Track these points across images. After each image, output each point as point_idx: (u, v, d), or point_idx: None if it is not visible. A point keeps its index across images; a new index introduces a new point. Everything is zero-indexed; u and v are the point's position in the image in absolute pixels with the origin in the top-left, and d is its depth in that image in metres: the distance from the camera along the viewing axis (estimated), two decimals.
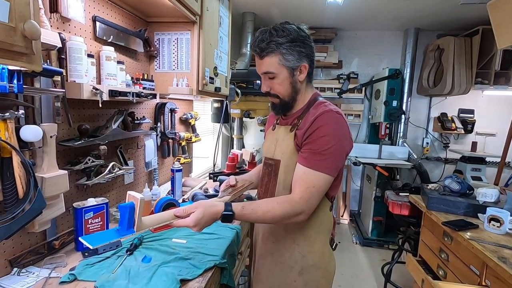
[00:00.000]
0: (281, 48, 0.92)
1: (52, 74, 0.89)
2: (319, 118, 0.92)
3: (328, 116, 0.92)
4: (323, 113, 0.92)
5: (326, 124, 0.91)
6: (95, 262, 1.01)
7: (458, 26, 3.25)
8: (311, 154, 0.91)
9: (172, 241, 1.21)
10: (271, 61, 0.94)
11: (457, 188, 1.84)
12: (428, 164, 3.72)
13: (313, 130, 0.91)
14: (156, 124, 1.79)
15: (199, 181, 2.10)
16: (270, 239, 1.07)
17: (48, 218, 0.97)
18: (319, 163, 0.89)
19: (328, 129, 0.90)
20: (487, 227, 1.54)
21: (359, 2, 2.75)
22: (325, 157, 0.89)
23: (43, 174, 0.94)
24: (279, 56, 0.93)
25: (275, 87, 0.98)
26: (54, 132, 0.96)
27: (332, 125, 0.91)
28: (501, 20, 1.82)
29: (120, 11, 1.40)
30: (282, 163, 1.01)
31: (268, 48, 0.92)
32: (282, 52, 0.92)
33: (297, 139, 0.97)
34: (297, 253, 1.02)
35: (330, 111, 0.93)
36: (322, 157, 0.89)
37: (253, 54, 1.01)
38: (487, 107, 3.58)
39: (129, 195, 0.81)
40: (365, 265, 2.87)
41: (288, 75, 0.96)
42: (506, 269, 1.15)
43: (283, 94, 0.99)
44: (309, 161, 0.90)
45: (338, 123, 0.92)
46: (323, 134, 0.90)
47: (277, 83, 0.97)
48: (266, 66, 0.95)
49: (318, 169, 0.89)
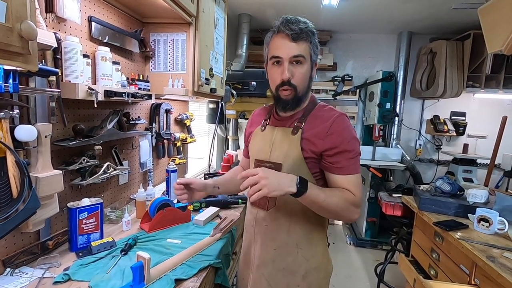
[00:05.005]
0: (313, 38, 0.92)
1: (47, 74, 0.89)
2: (336, 123, 0.91)
3: (343, 119, 0.93)
4: (338, 117, 0.93)
5: (346, 128, 0.92)
6: (89, 262, 1.01)
7: (450, 30, 3.31)
8: (347, 162, 0.91)
9: (167, 241, 1.21)
10: (304, 47, 0.91)
11: (448, 189, 1.87)
12: (421, 165, 3.77)
13: (337, 135, 0.90)
14: (151, 125, 1.79)
15: None
16: (271, 246, 1.01)
17: (42, 218, 0.97)
18: (355, 166, 0.92)
19: (349, 132, 0.92)
20: (476, 227, 1.57)
21: (353, 5, 2.79)
22: (356, 159, 0.93)
23: (38, 174, 0.93)
24: (310, 45, 0.92)
25: (297, 76, 0.92)
26: (49, 132, 0.96)
27: (350, 127, 0.93)
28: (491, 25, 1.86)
29: (116, 11, 1.40)
30: (285, 166, 0.95)
31: (304, 32, 0.90)
32: (313, 42, 0.93)
33: (310, 144, 0.93)
34: (300, 257, 0.99)
35: (342, 115, 0.94)
36: (354, 160, 0.92)
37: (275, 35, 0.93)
38: (478, 110, 3.65)
39: (138, 255, 0.90)
40: (359, 265, 2.90)
41: (309, 68, 0.95)
42: (494, 268, 1.18)
43: (301, 85, 0.94)
44: (348, 169, 0.91)
45: (350, 125, 0.95)
46: (348, 138, 0.91)
47: (301, 72, 0.92)
48: (299, 50, 0.90)
49: (355, 171, 0.92)
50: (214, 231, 1.30)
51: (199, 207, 1.59)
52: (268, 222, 1.01)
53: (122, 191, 1.59)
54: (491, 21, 1.87)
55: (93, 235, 1.14)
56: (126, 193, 1.62)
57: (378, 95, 3.36)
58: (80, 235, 1.11)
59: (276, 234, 1.00)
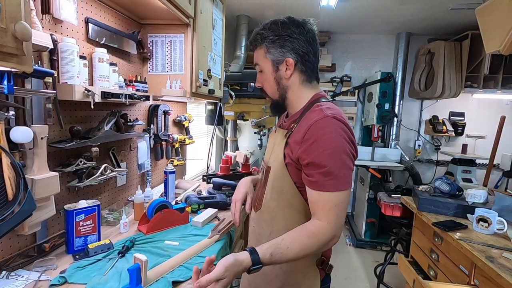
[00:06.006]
0: (266, 41, 0.92)
1: (43, 75, 0.89)
2: (313, 127, 0.81)
3: (324, 124, 0.80)
4: (318, 121, 0.81)
5: (324, 135, 0.79)
6: (86, 265, 1.00)
7: (448, 31, 3.32)
8: (319, 176, 0.78)
9: (165, 243, 1.21)
10: (258, 54, 0.95)
11: (447, 189, 1.87)
12: (420, 166, 3.77)
13: (310, 143, 0.80)
14: (150, 126, 1.79)
15: (192, 183, 2.10)
16: None
17: (38, 221, 0.96)
18: (331, 182, 0.78)
19: (328, 140, 0.78)
20: (475, 227, 1.57)
21: (351, 6, 2.79)
22: (336, 175, 0.78)
23: (34, 176, 0.93)
24: (264, 48, 0.92)
25: (264, 83, 0.97)
26: (45, 134, 0.95)
27: (331, 135, 0.79)
28: (489, 25, 1.87)
29: (113, 13, 1.40)
30: (272, 170, 0.93)
31: (255, 40, 0.94)
32: (267, 45, 0.92)
33: (290, 149, 0.87)
34: (278, 268, 0.93)
35: (326, 118, 0.81)
36: (332, 176, 0.78)
37: None
38: (477, 110, 3.65)
39: (135, 257, 0.89)
40: (358, 266, 2.89)
41: (272, 70, 0.93)
42: (493, 268, 1.17)
43: (270, 90, 0.97)
44: (320, 185, 0.79)
45: (336, 130, 0.80)
46: (324, 148, 0.78)
47: (264, 78, 0.96)
48: (255, 58, 0.96)
49: (333, 189, 0.78)
50: (212, 233, 1.29)
51: (197, 209, 1.59)
52: (255, 223, 1.02)
53: (120, 193, 1.58)
54: (488, 22, 1.88)
55: (90, 237, 1.13)
56: (124, 195, 1.62)
57: (377, 96, 3.36)
58: (77, 237, 1.10)
59: (259, 238, 0.98)
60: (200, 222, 1.39)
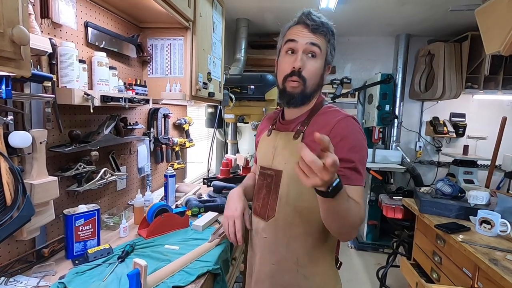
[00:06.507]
0: (331, 37, 0.90)
1: (41, 79, 0.88)
2: (338, 126, 0.83)
3: (348, 122, 0.84)
4: (341, 120, 0.84)
5: (350, 133, 0.83)
6: (85, 270, 0.99)
7: (448, 32, 3.32)
8: (348, 171, 0.80)
9: (165, 247, 1.20)
10: (322, 40, 0.88)
11: (449, 191, 1.86)
12: (421, 167, 3.75)
13: (338, 140, 0.81)
14: (149, 130, 1.79)
15: (193, 186, 2.09)
16: (269, 261, 0.95)
17: (37, 226, 0.96)
18: (357, 177, 0.81)
19: (353, 138, 0.83)
20: (478, 229, 1.55)
21: (351, 8, 2.79)
22: (359, 170, 0.82)
23: (32, 180, 0.92)
24: (327, 43, 0.90)
25: (309, 68, 0.87)
26: (44, 138, 0.95)
27: (355, 133, 0.84)
28: (489, 26, 1.86)
29: (112, 17, 1.40)
30: (285, 174, 0.90)
31: (325, 27, 0.87)
32: (331, 41, 0.90)
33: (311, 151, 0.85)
34: (300, 276, 0.90)
35: (347, 117, 0.85)
36: (357, 171, 0.82)
37: (294, 25, 0.91)
38: (478, 111, 3.64)
39: (135, 262, 0.87)
40: (360, 269, 2.87)
41: (322, 66, 0.90)
42: (497, 271, 1.16)
43: (312, 80, 0.89)
44: (351, 179, 0.80)
45: (358, 129, 0.85)
46: (351, 145, 0.81)
47: (313, 65, 0.88)
48: (317, 39, 0.87)
49: (358, 183, 0.81)
50: (212, 237, 1.28)
51: (197, 212, 1.58)
52: (268, 233, 0.95)
53: (120, 197, 1.57)
54: (488, 23, 1.88)
55: (89, 242, 1.13)
56: (124, 199, 1.61)
57: (377, 98, 3.35)
58: (77, 242, 1.09)
59: (275, 248, 0.93)
60: (201, 226, 1.38)
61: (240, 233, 0.96)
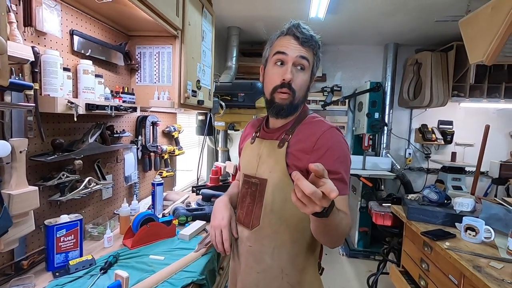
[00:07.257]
0: (318, 51, 0.92)
1: (21, 88, 0.87)
2: (323, 137, 0.85)
3: (333, 133, 0.86)
4: (326, 131, 0.86)
5: (335, 144, 0.85)
6: (65, 283, 0.97)
7: (434, 42, 3.40)
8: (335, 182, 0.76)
9: (150, 257, 1.18)
10: (310, 53, 0.90)
11: (435, 198, 1.88)
12: (411, 174, 3.79)
13: (324, 152, 0.83)
14: (137, 138, 1.77)
15: (181, 194, 2.07)
16: (254, 269, 0.94)
17: (15, 237, 0.93)
18: (343, 187, 0.82)
19: (337, 149, 0.84)
20: (463, 236, 1.57)
21: (340, 18, 2.85)
22: (345, 180, 0.83)
23: (11, 191, 0.90)
24: (314, 55, 0.92)
25: (298, 81, 0.89)
26: (24, 147, 0.93)
27: (340, 144, 0.86)
28: (472, 36, 1.92)
29: (99, 25, 1.40)
30: (270, 182, 0.90)
31: (313, 41, 0.89)
32: (317, 54, 0.93)
33: (295, 159, 0.87)
34: (285, 284, 0.91)
35: (331, 128, 0.87)
36: (343, 181, 0.83)
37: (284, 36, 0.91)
38: (464, 118, 3.72)
39: (116, 274, 0.86)
40: (352, 276, 2.86)
41: (309, 78, 0.93)
42: (480, 278, 1.17)
43: (300, 92, 0.91)
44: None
45: (342, 140, 0.87)
46: (336, 156, 0.83)
47: (302, 78, 0.90)
48: (306, 53, 0.89)
49: (344, 193, 0.83)
50: (199, 246, 1.27)
51: (185, 221, 1.56)
52: (252, 242, 0.94)
53: (106, 206, 1.55)
54: (471, 33, 1.93)
55: (71, 253, 1.10)
56: (110, 208, 1.58)
57: (367, 105, 3.40)
58: (58, 253, 1.07)
59: (260, 256, 0.93)
60: (187, 235, 1.37)
61: (227, 242, 0.94)
